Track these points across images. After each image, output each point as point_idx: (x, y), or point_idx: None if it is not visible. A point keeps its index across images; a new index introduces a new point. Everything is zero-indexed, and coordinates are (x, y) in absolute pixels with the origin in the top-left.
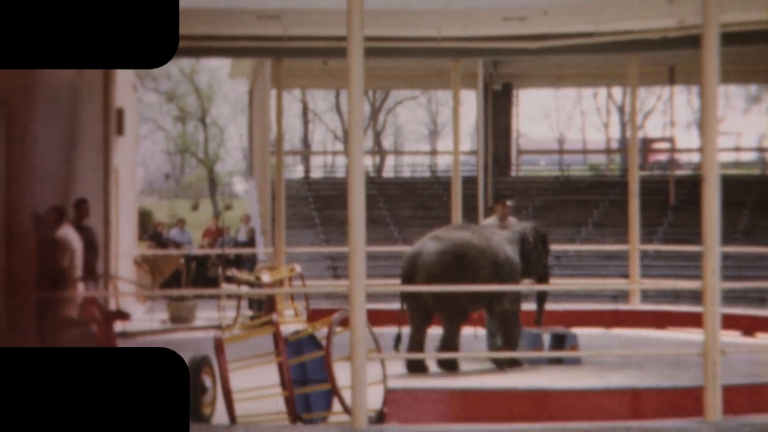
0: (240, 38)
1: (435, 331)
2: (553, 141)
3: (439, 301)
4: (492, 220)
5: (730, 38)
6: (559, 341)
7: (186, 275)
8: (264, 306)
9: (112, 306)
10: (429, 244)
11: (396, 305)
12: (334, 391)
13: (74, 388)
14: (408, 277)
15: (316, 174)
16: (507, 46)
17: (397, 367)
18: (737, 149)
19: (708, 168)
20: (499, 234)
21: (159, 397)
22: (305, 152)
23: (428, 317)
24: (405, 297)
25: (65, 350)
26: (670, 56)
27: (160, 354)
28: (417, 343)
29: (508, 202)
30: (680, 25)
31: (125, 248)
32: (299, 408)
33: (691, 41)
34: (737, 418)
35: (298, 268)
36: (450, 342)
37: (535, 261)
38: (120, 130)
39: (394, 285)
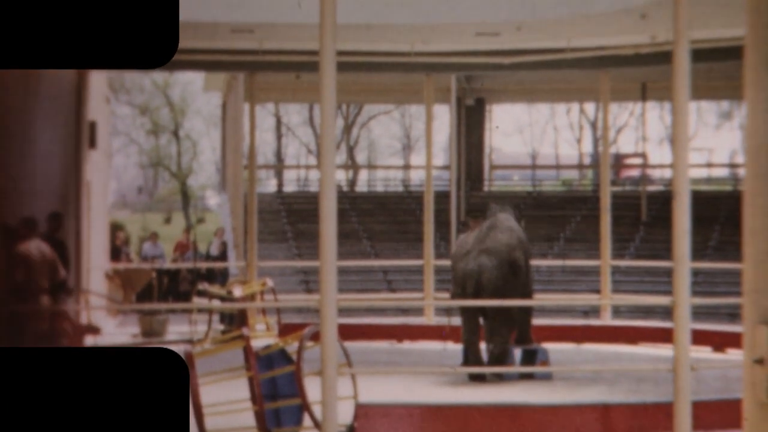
0: (214, 52)
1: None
2: (526, 156)
3: (500, 311)
4: (465, 236)
5: (702, 55)
6: (530, 356)
7: (158, 289)
8: (235, 320)
9: (83, 320)
10: (484, 260)
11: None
12: (304, 406)
13: (72, 388)
14: (475, 295)
15: (289, 188)
16: (480, 62)
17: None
18: (709, 165)
19: (679, 184)
20: (510, 219)
21: (158, 398)
22: (278, 166)
23: None
24: (470, 313)
25: (63, 350)
26: (642, 72)
27: (160, 354)
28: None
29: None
30: (652, 41)
31: (97, 262)
32: (270, 423)
33: (663, 57)
34: None
35: (269, 282)
36: (508, 349)
37: None
38: (92, 143)
39: (366, 299)
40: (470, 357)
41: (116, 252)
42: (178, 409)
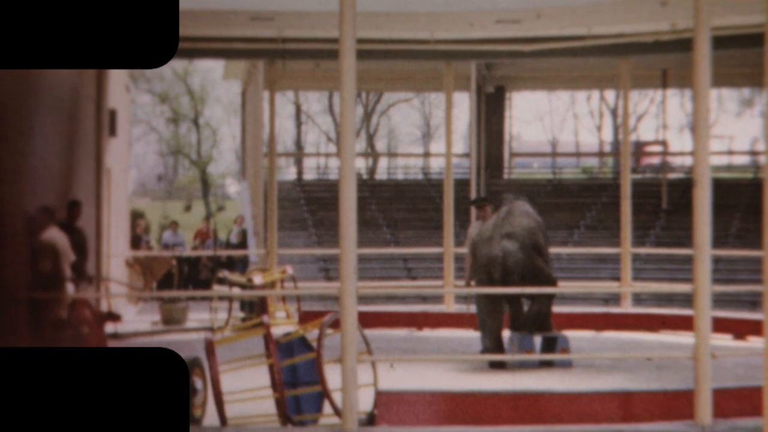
0: (233, 40)
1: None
2: (546, 143)
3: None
4: (477, 223)
5: (723, 41)
6: (550, 344)
7: (178, 277)
8: (255, 308)
9: (104, 307)
10: (507, 244)
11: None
12: (324, 393)
13: (73, 388)
14: (502, 280)
15: (309, 176)
16: (500, 49)
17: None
18: (730, 152)
19: (700, 171)
20: (526, 205)
21: (158, 397)
22: (298, 154)
23: None
24: (495, 299)
25: (64, 350)
26: (662, 59)
27: (160, 354)
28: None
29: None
30: (672, 28)
31: (117, 250)
32: (290, 410)
33: (684, 44)
34: (727, 422)
35: (289, 269)
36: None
37: None
38: (112, 132)
39: (386, 287)
40: (493, 344)
41: (136, 240)
42: (178, 408)
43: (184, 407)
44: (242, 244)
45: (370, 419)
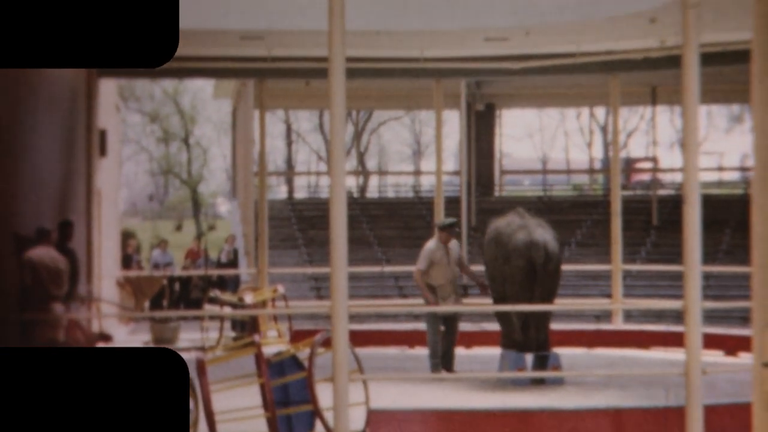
0: (223, 59)
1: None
2: (537, 161)
3: (556, 283)
4: (434, 242)
5: (712, 58)
6: (541, 361)
7: (169, 296)
8: (247, 327)
9: (95, 328)
10: (542, 232)
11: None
12: (316, 412)
13: (73, 388)
14: (543, 266)
15: (300, 194)
16: (489, 67)
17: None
18: (720, 169)
19: (690, 188)
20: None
21: (158, 398)
22: (289, 173)
23: None
24: (529, 290)
25: (64, 350)
26: (652, 76)
27: (160, 354)
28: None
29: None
30: (661, 45)
31: (108, 270)
32: (281, 429)
33: (673, 61)
34: None
35: (281, 288)
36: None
37: None
38: (103, 151)
39: (377, 305)
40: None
41: (127, 260)
42: (178, 408)
43: (185, 407)
44: (233, 263)
45: None
